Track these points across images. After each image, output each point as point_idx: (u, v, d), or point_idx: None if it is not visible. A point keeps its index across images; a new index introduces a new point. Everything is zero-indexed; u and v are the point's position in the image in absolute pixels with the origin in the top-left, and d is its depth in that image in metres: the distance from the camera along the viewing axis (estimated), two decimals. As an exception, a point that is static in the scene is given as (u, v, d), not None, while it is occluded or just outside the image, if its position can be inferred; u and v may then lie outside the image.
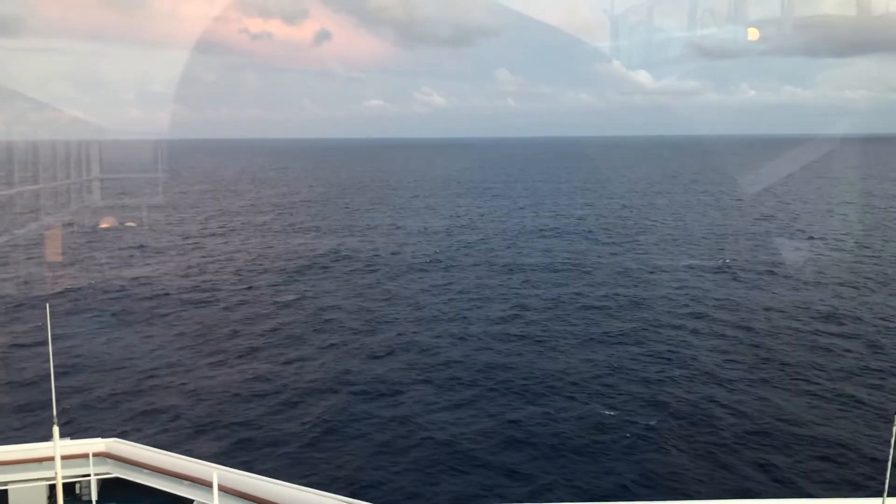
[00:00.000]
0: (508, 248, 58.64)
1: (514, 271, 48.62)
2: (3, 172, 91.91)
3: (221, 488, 9.27)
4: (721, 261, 51.26)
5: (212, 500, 8.85)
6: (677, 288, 42.91)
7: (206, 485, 9.59)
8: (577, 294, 41.58)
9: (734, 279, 45.49)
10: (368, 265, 50.99)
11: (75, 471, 10.72)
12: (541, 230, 68.55)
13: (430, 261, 52.39)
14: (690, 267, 49.27)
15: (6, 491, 10.57)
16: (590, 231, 67.95)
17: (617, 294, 41.46)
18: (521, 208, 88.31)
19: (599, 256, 54.00)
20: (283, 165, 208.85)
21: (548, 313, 37.48)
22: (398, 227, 70.63)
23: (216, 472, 8.94)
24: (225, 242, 62.53)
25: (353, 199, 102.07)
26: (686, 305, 38.63)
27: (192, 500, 10.17)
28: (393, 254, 55.52)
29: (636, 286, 43.59)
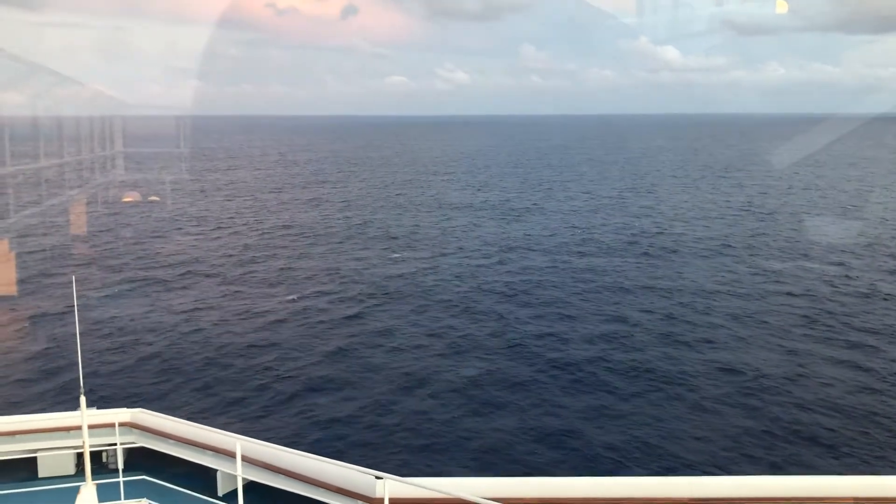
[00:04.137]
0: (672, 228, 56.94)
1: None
2: (28, 146, 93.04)
3: (245, 459, 9.33)
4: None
5: (235, 471, 8.93)
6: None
7: (230, 455, 9.67)
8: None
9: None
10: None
11: (102, 440, 10.90)
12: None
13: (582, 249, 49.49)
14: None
15: (36, 458, 10.78)
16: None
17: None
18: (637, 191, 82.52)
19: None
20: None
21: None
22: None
23: (239, 443, 8.99)
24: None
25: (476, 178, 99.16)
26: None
27: (217, 470, 10.27)
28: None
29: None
